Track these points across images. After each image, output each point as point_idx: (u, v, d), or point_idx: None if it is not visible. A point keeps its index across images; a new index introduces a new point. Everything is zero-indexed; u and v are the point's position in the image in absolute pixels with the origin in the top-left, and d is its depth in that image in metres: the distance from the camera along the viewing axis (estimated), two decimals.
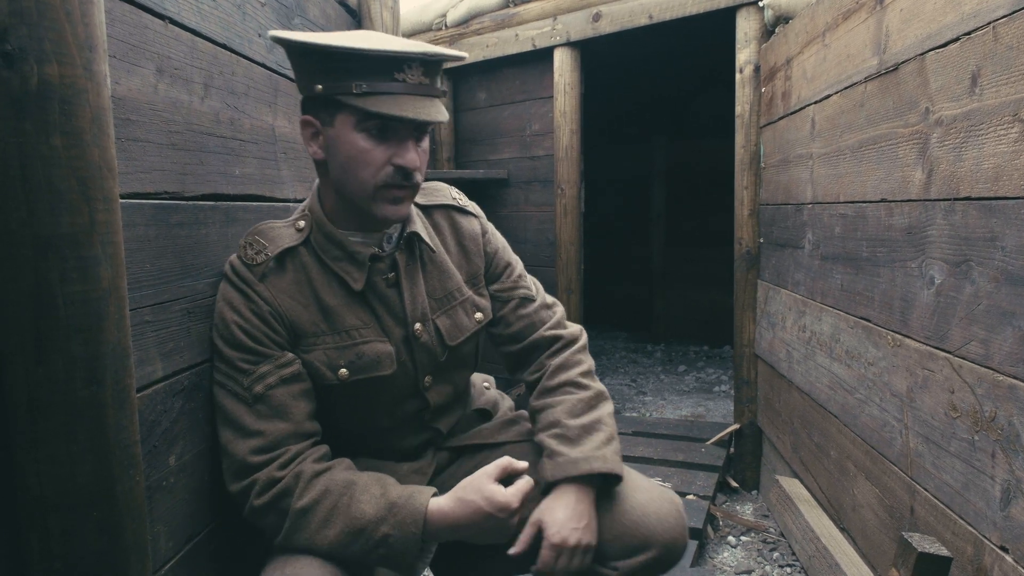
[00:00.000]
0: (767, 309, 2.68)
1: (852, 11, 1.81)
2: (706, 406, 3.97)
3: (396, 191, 1.12)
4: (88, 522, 0.81)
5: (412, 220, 1.24)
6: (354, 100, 1.05)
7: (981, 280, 1.23)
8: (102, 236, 0.79)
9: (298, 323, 1.16)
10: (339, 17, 1.91)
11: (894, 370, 1.57)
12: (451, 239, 1.33)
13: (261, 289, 1.14)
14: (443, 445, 1.37)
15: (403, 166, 1.10)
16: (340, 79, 1.06)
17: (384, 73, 1.05)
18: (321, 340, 1.17)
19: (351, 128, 1.09)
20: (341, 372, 1.17)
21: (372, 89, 1.05)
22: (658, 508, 1.20)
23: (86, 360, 0.79)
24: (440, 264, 1.29)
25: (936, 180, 1.38)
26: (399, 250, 1.22)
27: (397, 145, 1.10)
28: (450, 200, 1.35)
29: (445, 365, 1.30)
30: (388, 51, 1.03)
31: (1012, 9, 1.13)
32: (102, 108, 0.79)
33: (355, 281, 1.18)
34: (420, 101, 1.08)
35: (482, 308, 1.33)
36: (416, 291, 1.24)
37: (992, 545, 1.19)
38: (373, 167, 1.10)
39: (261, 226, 1.20)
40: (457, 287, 1.30)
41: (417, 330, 1.23)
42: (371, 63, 1.04)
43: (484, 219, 1.39)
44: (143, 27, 1.00)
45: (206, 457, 1.17)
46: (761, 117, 2.72)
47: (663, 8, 2.89)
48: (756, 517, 2.60)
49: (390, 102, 1.05)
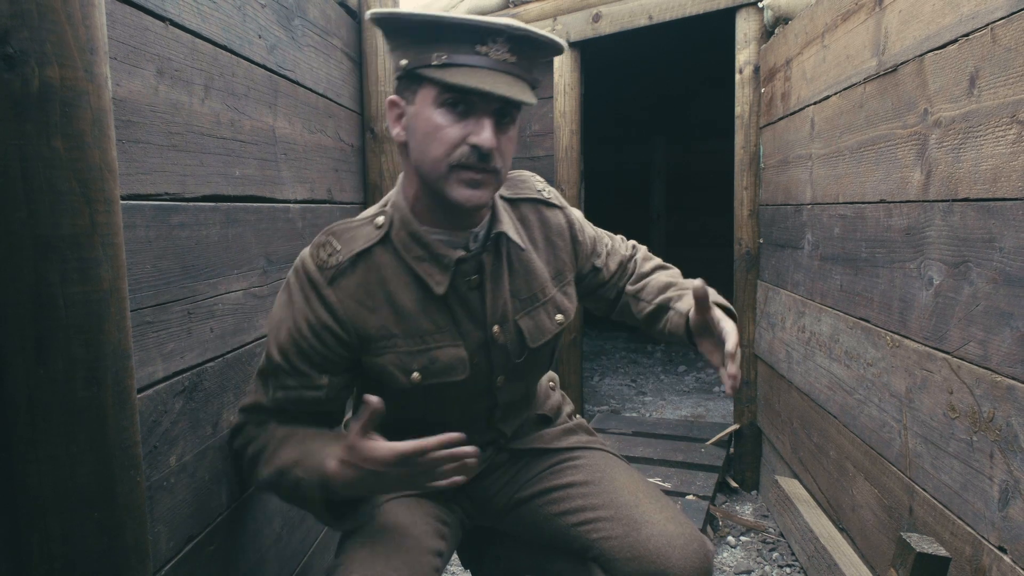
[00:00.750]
0: (767, 309, 2.68)
1: (851, 12, 1.82)
2: (706, 406, 3.97)
3: (472, 173, 1.05)
4: (88, 523, 0.81)
5: (500, 219, 1.19)
6: (433, 72, 1.02)
7: (979, 281, 1.23)
8: (103, 237, 0.80)
9: (365, 328, 1.13)
10: (339, 18, 1.91)
11: (893, 371, 1.57)
12: (539, 234, 1.29)
13: (328, 294, 1.11)
14: (504, 447, 1.36)
15: (478, 145, 1.03)
16: (422, 51, 1.03)
17: (465, 44, 1.02)
18: (392, 344, 1.14)
19: (430, 103, 1.05)
20: (414, 376, 1.15)
21: (451, 61, 1.01)
22: (685, 544, 1.14)
23: (86, 361, 0.79)
24: (527, 263, 1.24)
25: (935, 181, 1.38)
26: (485, 251, 1.17)
27: (475, 123, 1.04)
28: (535, 193, 1.30)
29: (520, 366, 1.26)
30: (469, 20, 1.01)
31: (1010, 11, 1.13)
32: (103, 110, 0.79)
33: (437, 284, 1.12)
34: (502, 78, 1.02)
35: (564, 310, 1.29)
36: (499, 293, 1.20)
37: (990, 545, 1.19)
38: (448, 144, 1.04)
39: (336, 226, 1.16)
40: (542, 287, 1.26)
41: (495, 332, 1.20)
42: (452, 33, 1.01)
43: (568, 208, 1.35)
44: (144, 29, 1.00)
45: (207, 457, 1.18)
46: (761, 118, 2.73)
47: (663, 9, 2.89)
48: (756, 517, 2.60)
49: (468, 74, 1.01)
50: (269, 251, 1.43)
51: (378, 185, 2.13)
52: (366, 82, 2.10)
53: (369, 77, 2.09)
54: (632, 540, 1.16)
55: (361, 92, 2.10)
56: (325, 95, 1.78)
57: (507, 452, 1.36)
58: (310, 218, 1.66)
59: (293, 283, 1.14)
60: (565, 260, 1.32)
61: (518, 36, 1.04)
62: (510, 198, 1.27)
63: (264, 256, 1.41)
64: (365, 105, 2.11)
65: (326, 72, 1.79)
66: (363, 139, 2.12)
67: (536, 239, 1.28)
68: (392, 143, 2.14)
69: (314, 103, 1.70)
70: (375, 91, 2.10)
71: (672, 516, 1.20)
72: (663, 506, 1.23)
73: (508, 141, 1.08)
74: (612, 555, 1.17)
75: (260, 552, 1.39)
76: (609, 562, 1.18)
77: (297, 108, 1.58)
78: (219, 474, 1.22)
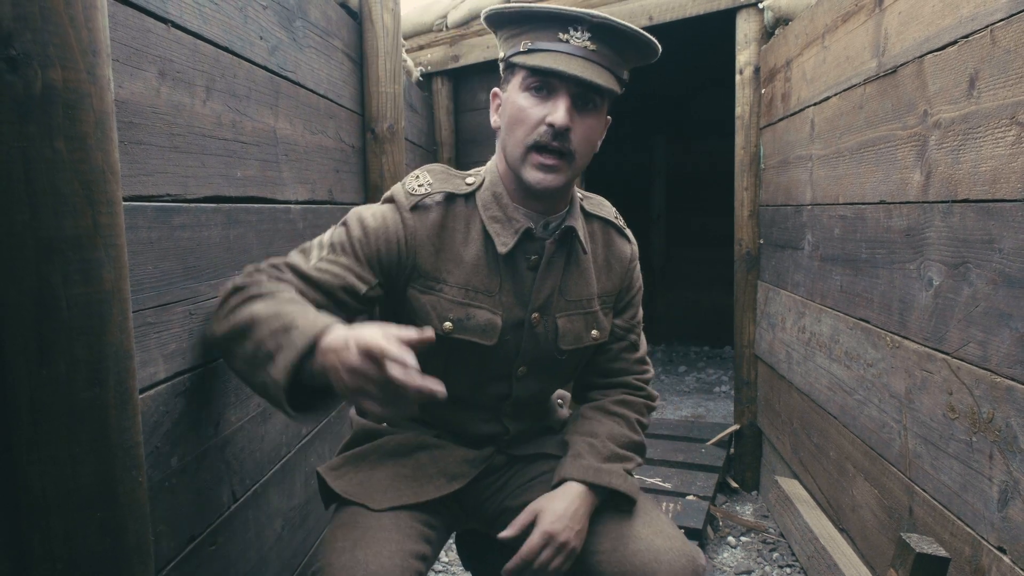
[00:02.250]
0: (767, 310, 2.68)
1: (851, 13, 1.82)
2: (706, 407, 3.97)
3: (546, 157, 1.12)
4: (90, 523, 0.81)
5: (575, 215, 1.25)
6: (520, 58, 1.12)
7: (979, 282, 1.23)
8: (105, 239, 0.80)
9: (422, 261, 1.19)
10: (340, 19, 1.92)
11: (893, 371, 1.58)
12: (602, 250, 1.33)
13: (407, 216, 1.18)
14: (504, 449, 1.36)
15: (552, 123, 1.10)
16: (515, 41, 1.14)
17: (549, 32, 1.11)
18: (440, 287, 1.19)
19: (518, 88, 1.14)
20: (446, 324, 1.19)
21: (535, 47, 1.11)
22: (673, 560, 1.15)
23: (89, 362, 0.79)
24: (584, 268, 1.28)
25: (934, 182, 1.39)
26: (552, 237, 1.23)
27: (552, 104, 1.12)
28: (612, 217, 1.36)
29: (544, 363, 1.28)
30: (551, 9, 1.09)
31: (1009, 13, 1.14)
32: (105, 112, 0.79)
33: (503, 245, 1.18)
34: (580, 62, 1.10)
35: (602, 329, 1.32)
36: (550, 282, 1.24)
37: (990, 546, 1.19)
38: (528, 124, 1.12)
39: (437, 166, 1.26)
40: (590, 297, 1.29)
41: (534, 319, 1.24)
42: (537, 21, 1.11)
43: (635, 247, 1.40)
44: (146, 31, 1.00)
45: (208, 458, 1.18)
46: (761, 118, 2.73)
47: (663, 9, 2.89)
48: (756, 518, 2.61)
49: (548, 58, 1.09)
50: (270, 252, 1.43)
51: (379, 185, 2.13)
52: (367, 83, 2.10)
53: (370, 78, 2.10)
54: (620, 555, 1.17)
55: (362, 93, 2.10)
56: (326, 96, 1.79)
57: (504, 455, 1.36)
58: (311, 219, 1.66)
59: (381, 203, 1.22)
60: (616, 286, 1.34)
61: (597, 23, 1.10)
62: (587, 211, 1.32)
63: (265, 257, 1.41)
64: (366, 106, 2.11)
65: (327, 73, 1.79)
66: (364, 140, 2.12)
67: (598, 254, 1.33)
68: (392, 143, 2.15)
69: (315, 104, 1.71)
70: (376, 92, 2.10)
71: (660, 530, 1.20)
72: (652, 519, 1.23)
73: (586, 127, 1.14)
74: (600, 569, 1.18)
75: (261, 552, 1.39)
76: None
77: (298, 109, 1.58)
78: (221, 474, 1.22)
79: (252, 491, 1.35)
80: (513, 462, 1.37)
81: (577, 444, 1.27)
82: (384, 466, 1.25)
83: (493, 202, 1.21)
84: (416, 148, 2.94)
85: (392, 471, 1.24)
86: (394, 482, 1.22)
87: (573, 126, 1.12)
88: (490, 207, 1.20)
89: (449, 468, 1.28)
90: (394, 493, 1.20)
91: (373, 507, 1.17)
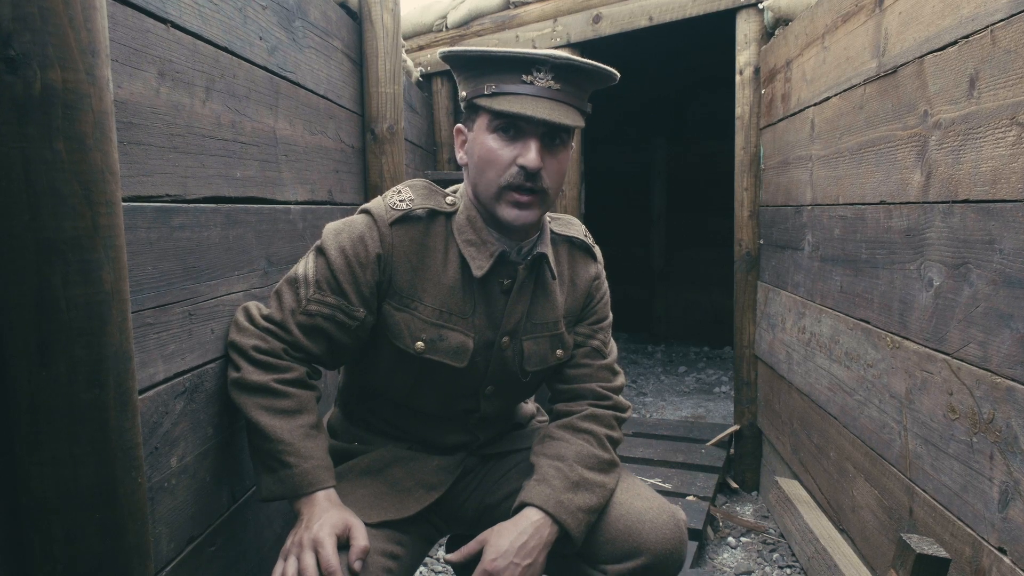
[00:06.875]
0: (767, 310, 2.68)
1: (851, 14, 1.82)
2: (706, 407, 3.97)
3: (519, 195, 1.14)
4: (90, 524, 0.81)
5: (545, 242, 1.27)
6: (485, 101, 1.13)
7: (979, 282, 1.23)
8: (104, 239, 0.80)
9: (398, 279, 1.20)
10: (340, 19, 1.92)
11: (893, 372, 1.58)
12: (567, 271, 1.35)
13: (386, 232, 1.18)
14: (476, 451, 1.39)
15: (524, 165, 1.12)
16: (477, 83, 1.15)
17: (512, 74, 1.12)
18: (414, 306, 1.21)
19: (484, 130, 1.16)
20: (418, 344, 1.20)
21: (500, 90, 1.12)
22: (654, 517, 1.20)
23: (88, 363, 0.79)
24: (551, 293, 1.31)
25: (935, 182, 1.39)
26: (523, 263, 1.25)
27: (523, 146, 1.13)
28: (581, 235, 1.38)
29: (510, 384, 1.31)
30: (514, 53, 1.11)
31: (1009, 13, 1.14)
32: (104, 112, 0.79)
33: (479, 268, 1.20)
34: (546, 103, 1.11)
35: (566, 347, 1.34)
36: (520, 307, 1.26)
37: (990, 547, 1.19)
38: (499, 166, 1.14)
39: (419, 181, 1.26)
40: (555, 320, 1.31)
41: (504, 342, 1.26)
42: (500, 65, 1.12)
43: (602, 265, 1.42)
44: (145, 31, 1.00)
45: (207, 458, 1.18)
46: (761, 119, 2.73)
47: (663, 10, 2.89)
48: (756, 518, 2.60)
49: (515, 101, 1.11)
50: (270, 252, 1.43)
51: (378, 186, 2.13)
52: (366, 83, 2.10)
53: (369, 78, 2.09)
54: (603, 523, 1.21)
55: (362, 93, 2.10)
56: (326, 96, 1.79)
57: (477, 456, 1.39)
58: (311, 219, 1.66)
59: (359, 218, 1.22)
60: (579, 303, 1.36)
61: (560, 65, 1.12)
62: (556, 233, 1.34)
63: (265, 257, 1.41)
64: (366, 106, 2.11)
65: (327, 73, 1.79)
66: (364, 140, 2.12)
67: (564, 275, 1.34)
68: (392, 143, 2.15)
69: (315, 104, 1.70)
70: (375, 92, 2.10)
71: (639, 493, 1.25)
72: (629, 484, 1.27)
73: (557, 163, 1.17)
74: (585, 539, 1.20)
75: (261, 553, 1.39)
76: (585, 548, 1.21)
77: (298, 109, 1.58)
78: (220, 475, 1.22)
79: (252, 491, 1.35)
80: (486, 459, 1.40)
81: (544, 467, 1.23)
82: (363, 485, 1.26)
83: (468, 226, 1.22)
84: (416, 148, 2.93)
85: (371, 489, 1.26)
86: (377, 500, 1.24)
87: (544, 165, 1.14)
88: (465, 231, 1.22)
89: (426, 478, 1.30)
90: (379, 511, 1.22)
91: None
